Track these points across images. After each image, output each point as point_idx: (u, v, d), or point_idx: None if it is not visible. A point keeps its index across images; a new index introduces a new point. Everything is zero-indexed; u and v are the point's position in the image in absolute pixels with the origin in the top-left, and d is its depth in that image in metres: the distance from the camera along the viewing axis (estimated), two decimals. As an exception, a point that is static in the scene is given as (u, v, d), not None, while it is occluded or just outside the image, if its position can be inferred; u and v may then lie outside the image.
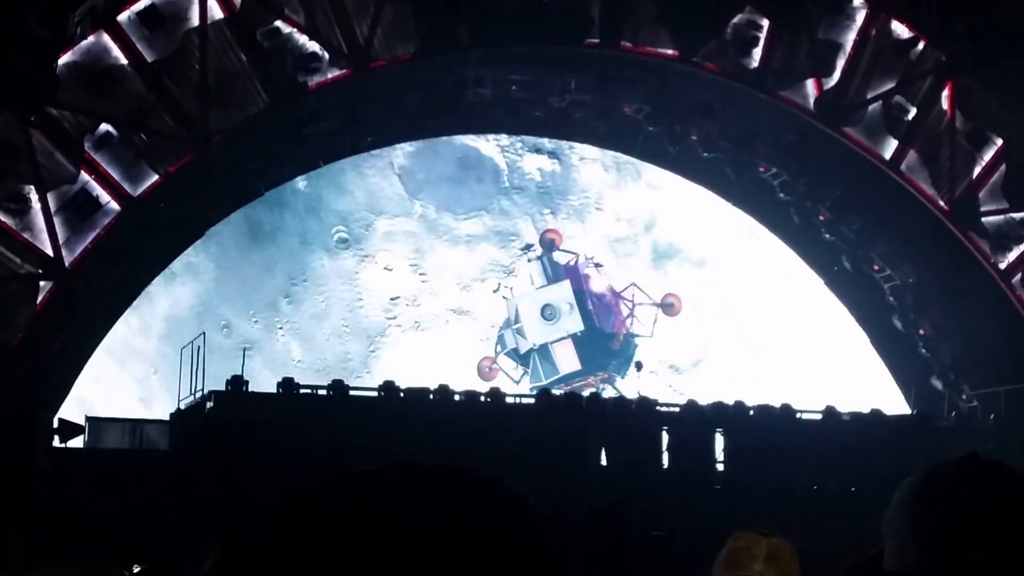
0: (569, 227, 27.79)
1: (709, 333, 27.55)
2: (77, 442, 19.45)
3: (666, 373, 27.19)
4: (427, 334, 27.25)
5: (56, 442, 19.08)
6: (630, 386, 24.46)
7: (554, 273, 24.37)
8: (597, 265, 25.24)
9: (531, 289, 24.44)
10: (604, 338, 24.16)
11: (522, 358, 23.92)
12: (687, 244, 27.73)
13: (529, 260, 25.33)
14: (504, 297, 25.67)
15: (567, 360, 23.58)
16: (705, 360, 27.67)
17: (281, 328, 26.62)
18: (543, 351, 23.70)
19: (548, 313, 23.82)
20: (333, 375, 26.66)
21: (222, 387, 19.64)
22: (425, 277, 27.39)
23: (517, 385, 24.57)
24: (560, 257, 24.85)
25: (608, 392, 24.00)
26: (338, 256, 27.12)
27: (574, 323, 23.78)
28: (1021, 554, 1.92)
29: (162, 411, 25.46)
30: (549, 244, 25.03)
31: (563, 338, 23.68)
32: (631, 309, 24.44)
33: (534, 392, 23.82)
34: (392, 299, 27.30)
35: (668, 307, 25.23)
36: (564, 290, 24.06)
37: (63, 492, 17.89)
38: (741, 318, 27.68)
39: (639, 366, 22.06)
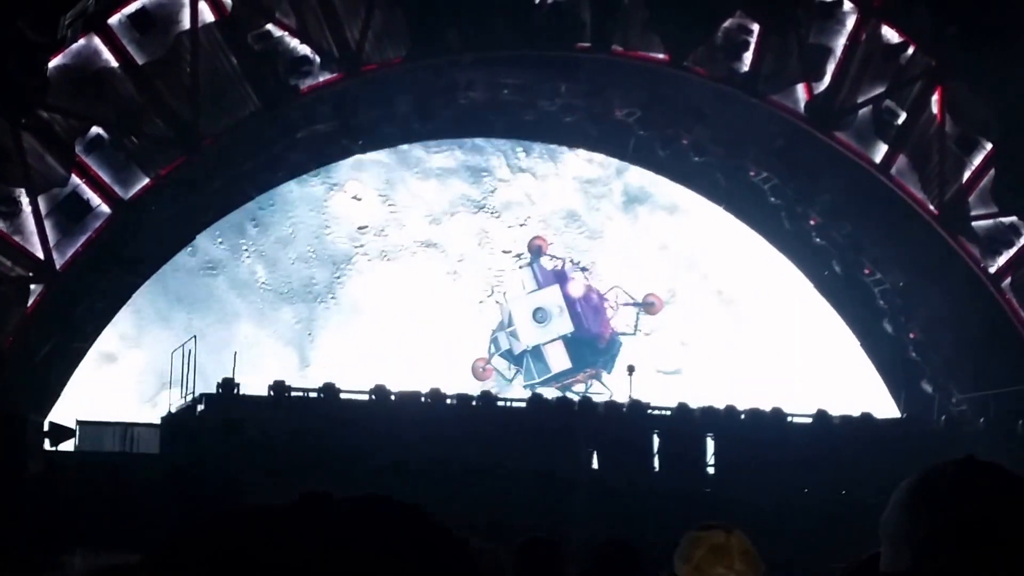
0: (541, 167, 27.92)
1: (677, 277, 27.64)
2: (67, 445, 19.41)
3: (629, 311, 27.55)
4: (394, 264, 27.37)
5: (46, 445, 19.04)
6: (615, 382, 24.86)
7: (544, 278, 25.51)
8: (583, 269, 26.20)
9: (523, 293, 25.53)
10: (592, 338, 25.28)
11: (516, 359, 25.09)
12: (658, 189, 27.80)
13: (520, 267, 26.17)
14: (497, 302, 26.28)
15: (558, 360, 24.86)
16: (672, 304, 27.86)
17: (247, 251, 26.57)
18: (535, 352, 24.92)
19: (540, 316, 25.04)
20: (297, 299, 26.79)
21: (213, 390, 19.63)
22: (394, 208, 27.47)
23: (510, 384, 25.36)
24: (547, 262, 25.87)
25: (596, 387, 24.77)
26: (307, 183, 27.11)
27: (564, 325, 25.04)
28: (1019, 558, 1.91)
29: (126, 325, 25.32)
30: (537, 250, 26.06)
31: (554, 339, 24.92)
32: (615, 309, 25.61)
33: (527, 391, 24.52)
34: (360, 228, 27.39)
35: (649, 306, 26.24)
36: (554, 294, 25.32)
37: (53, 495, 17.85)
38: (710, 265, 27.75)
39: (631, 370, 22.09)
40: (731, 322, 27.61)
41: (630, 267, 27.11)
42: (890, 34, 22.03)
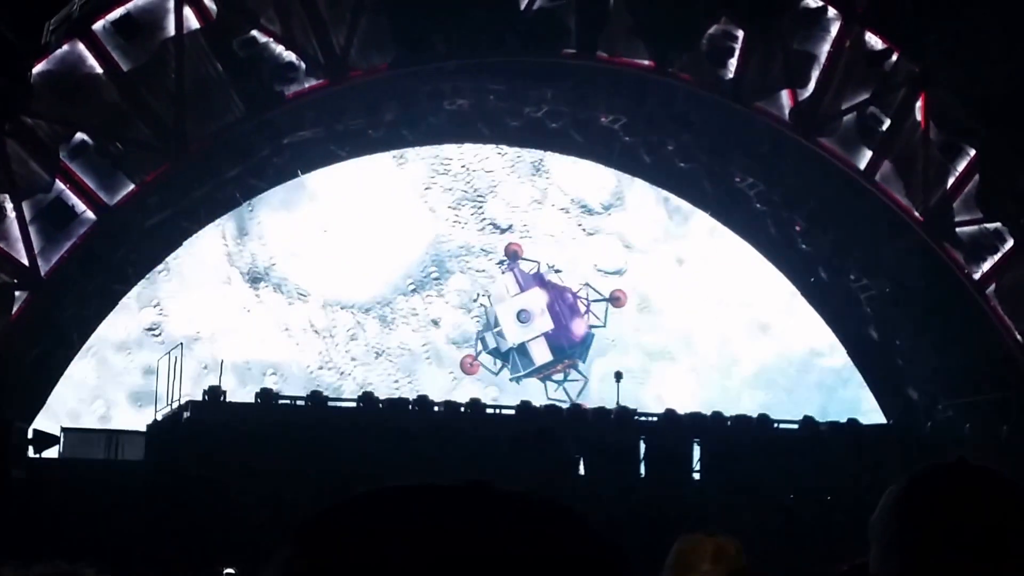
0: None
1: (624, 181, 28.07)
2: (52, 452, 19.35)
3: (576, 212, 28.39)
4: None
5: (30, 452, 18.98)
6: (595, 379, 26.34)
7: (525, 282, 27.28)
8: (557, 271, 27.64)
9: (507, 297, 27.19)
10: (569, 332, 27.36)
11: (503, 355, 27.05)
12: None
13: (503, 272, 27.55)
14: (482, 305, 27.55)
15: (541, 354, 26.77)
16: (618, 206, 28.27)
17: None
18: (521, 348, 26.81)
19: (523, 317, 26.84)
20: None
21: (199, 397, 19.59)
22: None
23: (496, 376, 26.96)
24: (525, 265, 27.54)
25: (573, 375, 26.65)
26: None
27: (545, 323, 26.90)
28: (1009, 563, 1.90)
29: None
30: (513, 255, 27.61)
31: (537, 336, 26.80)
32: (587, 305, 27.27)
33: (514, 383, 26.40)
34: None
35: (615, 300, 27.73)
36: (535, 296, 27.05)
37: (37, 503, 17.78)
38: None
39: (618, 376, 22.38)
40: (675, 229, 28.08)
41: (579, 169, 27.51)
42: (874, 41, 22.09)
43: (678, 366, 28.46)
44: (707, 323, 28.32)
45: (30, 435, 19.15)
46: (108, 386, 23.09)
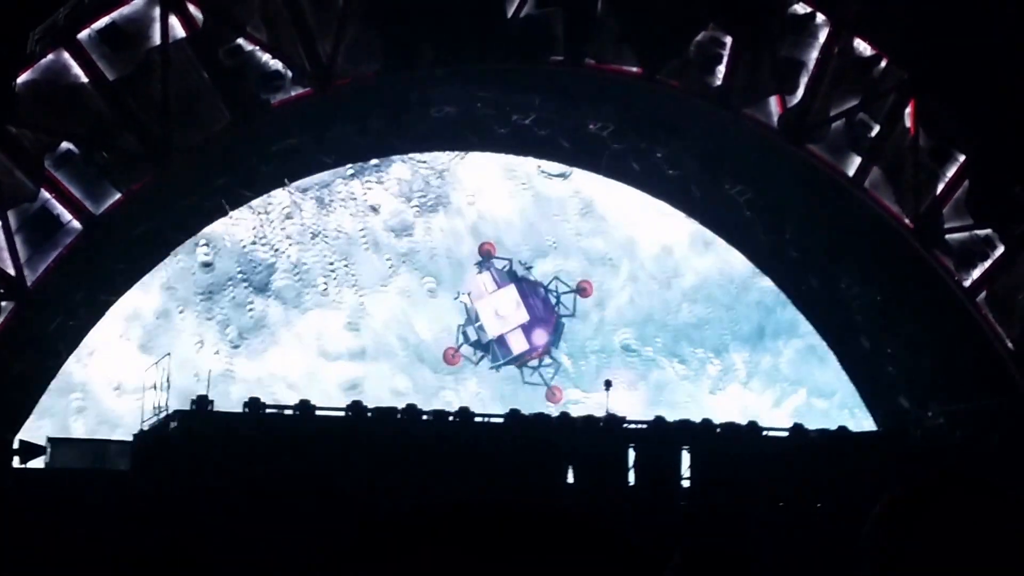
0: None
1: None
2: (38, 462, 19.26)
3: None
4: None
5: (16, 463, 18.88)
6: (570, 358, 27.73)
7: (500, 279, 29.14)
8: (528, 268, 29.52)
9: (485, 294, 28.98)
10: (543, 323, 29.24)
11: (483, 347, 28.99)
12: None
13: (480, 272, 29.12)
14: (463, 302, 29.10)
15: (518, 344, 28.66)
16: None
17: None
18: (500, 340, 28.75)
19: (501, 311, 28.65)
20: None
21: (186, 407, 19.50)
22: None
23: (476, 366, 28.78)
24: (497, 263, 29.27)
25: (547, 360, 28.60)
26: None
27: (521, 316, 28.72)
28: (1004, 574, 1.87)
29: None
30: (487, 254, 29.43)
31: (514, 328, 28.66)
32: (557, 297, 29.06)
33: (494, 372, 28.23)
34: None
35: (582, 291, 29.56)
36: (511, 292, 28.85)
37: (24, 513, 17.68)
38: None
39: (608, 384, 22.45)
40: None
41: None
42: (863, 47, 22.08)
43: (619, 274, 28.88)
44: (650, 234, 28.75)
45: (16, 446, 19.04)
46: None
